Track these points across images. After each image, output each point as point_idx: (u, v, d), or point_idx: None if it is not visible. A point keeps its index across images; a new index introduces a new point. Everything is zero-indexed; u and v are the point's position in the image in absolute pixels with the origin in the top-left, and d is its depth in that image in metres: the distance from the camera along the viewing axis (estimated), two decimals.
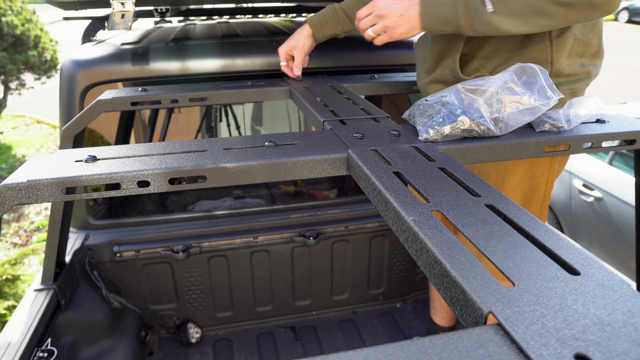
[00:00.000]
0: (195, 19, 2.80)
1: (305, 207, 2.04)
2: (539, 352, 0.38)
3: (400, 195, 0.65)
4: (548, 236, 0.55)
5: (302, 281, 2.14)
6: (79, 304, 1.67)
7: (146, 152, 0.83)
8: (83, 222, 1.85)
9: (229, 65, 1.70)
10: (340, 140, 0.90)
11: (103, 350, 1.72)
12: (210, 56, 1.70)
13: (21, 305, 1.46)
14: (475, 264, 0.49)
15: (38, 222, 4.32)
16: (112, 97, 1.27)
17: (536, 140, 0.92)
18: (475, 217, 0.59)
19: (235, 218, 1.99)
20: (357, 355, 0.38)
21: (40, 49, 5.97)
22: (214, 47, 1.73)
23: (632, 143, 0.99)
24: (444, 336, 0.40)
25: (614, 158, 3.02)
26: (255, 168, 0.80)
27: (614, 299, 0.44)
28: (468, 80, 0.99)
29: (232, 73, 1.72)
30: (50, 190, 0.73)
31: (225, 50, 1.72)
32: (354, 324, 2.18)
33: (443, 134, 0.88)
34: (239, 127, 2.79)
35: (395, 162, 0.78)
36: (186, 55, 1.69)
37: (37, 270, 3.46)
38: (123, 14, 1.36)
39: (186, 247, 1.88)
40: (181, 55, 1.68)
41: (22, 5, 5.85)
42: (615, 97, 7.78)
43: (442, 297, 0.51)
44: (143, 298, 1.99)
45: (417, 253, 0.57)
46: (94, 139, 2.01)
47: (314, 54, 1.75)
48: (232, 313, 2.13)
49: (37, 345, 1.36)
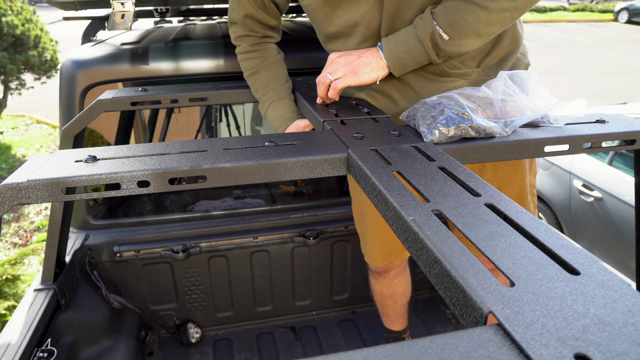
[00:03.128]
0: (195, 19, 2.80)
1: (305, 207, 2.04)
2: (539, 352, 0.38)
3: (400, 195, 0.65)
4: (548, 236, 0.55)
5: (302, 281, 2.14)
6: (79, 304, 1.67)
7: (146, 152, 0.83)
8: (83, 222, 1.84)
9: (228, 66, 1.70)
10: (340, 140, 0.90)
11: (103, 350, 1.72)
12: (210, 56, 1.70)
13: (21, 305, 1.46)
14: (475, 264, 0.49)
15: (38, 222, 4.32)
16: (112, 97, 1.27)
17: (536, 140, 0.92)
18: (475, 217, 0.59)
19: (235, 218, 1.99)
20: (357, 355, 0.38)
21: (40, 49, 5.96)
22: (214, 47, 1.73)
23: (632, 143, 0.99)
24: (444, 336, 0.40)
25: (614, 158, 3.02)
26: (255, 168, 0.80)
27: (614, 299, 0.44)
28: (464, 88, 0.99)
29: (232, 73, 1.72)
30: (50, 190, 0.73)
31: (225, 50, 1.72)
32: (354, 324, 2.18)
33: (448, 135, 0.88)
34: (239, 127, 2.78)
35: (395, 162, 0.78)
36: (186, 55, 1.69)
37: (37, 270, 3.46)
38: (123, 14, 1.36)
39: (186, 247, 1.88)
40: (181, 55, 1.68)
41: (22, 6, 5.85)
42: (615, 97, 7.78)
43: (442, 297, 0.51)
44: (143, 298, 1.99)
45: (417, 253, 0.57)
46: (94, 139, 2.02)
47: (314, 54, 1.75)
48: (232, 313, 2.13)
49: (37, 345, 1.36)
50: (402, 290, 1.79)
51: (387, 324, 1.90)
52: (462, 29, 1.01)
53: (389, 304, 1.83)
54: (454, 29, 1.02)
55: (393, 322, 1.88)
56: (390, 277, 1.73)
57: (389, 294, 1.79)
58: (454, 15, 1.01)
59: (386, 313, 1.86)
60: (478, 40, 1.04)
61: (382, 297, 1.81)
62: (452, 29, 1.02)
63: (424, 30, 1.04)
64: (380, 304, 1.84)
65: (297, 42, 1.82)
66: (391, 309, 1.83)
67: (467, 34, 1.02)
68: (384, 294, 1.80)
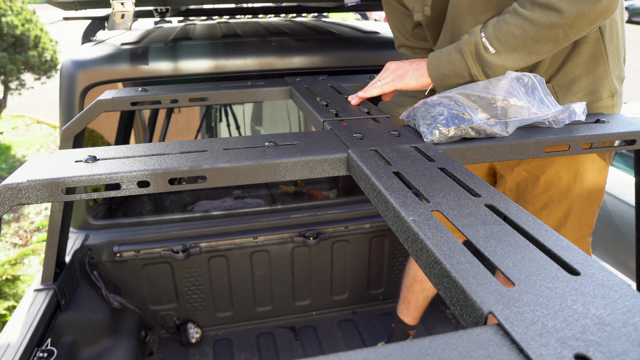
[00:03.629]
0: (195, 19, 2.80)
1: (305, 207, 2.04)
2: (539, 352, 0.38)
3: (400, 196, 0.65)
4: (548, 236, 0.55)
5: (302, 281, 2.14)
6: (79, 304, 1.67)
7: (146, 152, 0.83)
8: (83, 222, 1.84)
9: (228, 65, 1.70)
10: (340, 140, 0.90)
11: (103, 350, 1.72)
12: (210, 56, 1.70)
13: (21, 306, 1.46)
14: (475, 264, 0.49)
15: (38, 222, 4.32)
16: (112, 97, 1.27)
17: (536, 141, 0.92)
18: (475, 217, 0.59)
19: (235, 218, 1.99)
20: (357, 355, 0.38)
21: (40, 49, 5.96)
22: (214, 48, 1.73)
23: (632, 143, 0.99)
24: (444, 336, 0.40)
25: (613, 158, 3.02)
26: (255, 168, 0.80)
27: (614, 299, 0.44)
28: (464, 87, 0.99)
29: (232, 73, 1.71)
30: (50, 190, 0.73)
31: (225, 51, 1.72)
32: (354, 324, 2.18)
33: (448, 135, 0.88)
34: (238, 127, 2.78)
35: (395, 162, 0.78)
36: (186, 55, 1.69)
37: (37, 270, 3.46)
38: (123, 14, 1.36)
39: (186, 247, 1.88)
40: (181, 55, 1.68)
41: (22, 6, 5.85)
42: None
43: (443, 297, 0.51)
44: (143, 298, 1.99)
45: (417, 253, 0.57)
46: (94, 139, 2.01)
47: (314, 54, 1.75)
48: (232, 313, 2.13)
49: (37, 346, 1.36)
50: None
51: (402, 312, 1.88)
52: (508, 42, 0.98)
53: (415, 290, 1.80)
54: (501, 41, 0.98)
55: (409, 312, 1.86)
56: None
57: (422, 279, 1.77)
58: (502, 28, 0.98)
59: (408, 300, 1.84)
60: (527, 57, 1.00)
61: (413, 279, 1.78)
62: (498, 42, 0.99)
63: (467, 40, 1.03)
64: (407, 287, 1.82)
65: (297, 42, 1.82)
66: (415, 296, 1.81)
67: (514, 49, 0.99)
68: (417, 277, 1.77)
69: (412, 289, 1.81)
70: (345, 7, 1.81)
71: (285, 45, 1.79)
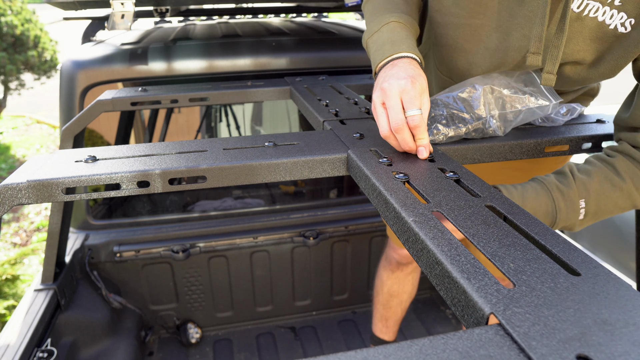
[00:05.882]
0: (195, 19, 2.80)
1: (305, 207, 2.04)
2: (541, 352, 0.38)
3: (400, 196, 0.65)
4: (548, 237, 0.55)
5: (302, 281, 2.14)
6: (79, 304, 1.67)
7: (146, 152, 0.83)
8: (83, 222, 1.84)
9: (228, 66, 1.70)
10: (340, 140, 0.89)
11: (103, 350, 1.72)
12: (210, 56, 1.70)
13: (21, 305, 1.46)
14: (476, 265, 0.49)
15: (38, 222, 4.31)
16: (112, 97, 1.27)
17: (536, 141, 0.92)
18: (475, 217, 0.59)
19: (235, 218, 1.99)
20: (357, 356, 0.37)
21: (40, 49, 5.96)
22: (214, 48, 1.73)
23: None
24: (444, 336, 0.40)
25: None
26: (255, 168, 0.79)
27: (615, 300, 0.44)
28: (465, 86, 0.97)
29: (232, 73, 1.71)
30: (50, 190, 0.73)
31: (225, 51, 1.72)
32: (354, 324, 2.18)
33: (448, 135, 0.88)
34: (238, 127, 2.78)
35: (395, 163, 0.78)
36: (186, 55, 1.69)
37: (37, 270, 3.46)
38: (123, 14, 1.36)
39: (186, 247, 1.88)
40: (181, 55, 1.68)
41: (21, 5, 5.84)
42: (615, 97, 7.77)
43: (444, 298, 0.51)
44: (143, 298, 1.99)
45: (417, 254, 0.57)
46: (94, 139, 2.01)
47: (314, 54, 1.75)
48: (232, 313, 2.13)
49: (37, 346, 1.36)
50: (411, 289, 1.75)
51: (381, 331, 1.82)
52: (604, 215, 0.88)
53: (393, 305, 1.76)
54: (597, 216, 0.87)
55: (388, 329, 1.81)
56: (408, 270, 1.68)
57: (398, 292, 1.72)
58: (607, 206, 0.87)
59: (386, 317, 1.79)
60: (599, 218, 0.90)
61: (389, 295, 1.74)
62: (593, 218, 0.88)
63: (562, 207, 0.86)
64: (384, 304, 1.77)
65: (297, 42, 1.82)
66: (393, 311, 1.77)
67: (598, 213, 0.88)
68: (393, 291, 1.72)
69: (389, 304, 1.76)
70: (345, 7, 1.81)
71: (285, 45, 1.79)
